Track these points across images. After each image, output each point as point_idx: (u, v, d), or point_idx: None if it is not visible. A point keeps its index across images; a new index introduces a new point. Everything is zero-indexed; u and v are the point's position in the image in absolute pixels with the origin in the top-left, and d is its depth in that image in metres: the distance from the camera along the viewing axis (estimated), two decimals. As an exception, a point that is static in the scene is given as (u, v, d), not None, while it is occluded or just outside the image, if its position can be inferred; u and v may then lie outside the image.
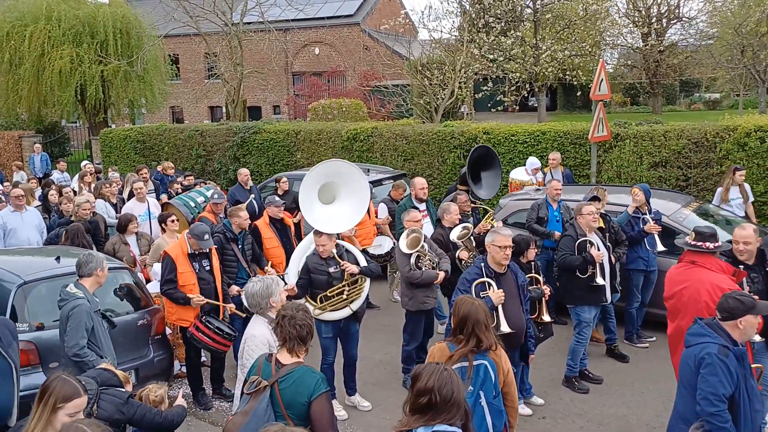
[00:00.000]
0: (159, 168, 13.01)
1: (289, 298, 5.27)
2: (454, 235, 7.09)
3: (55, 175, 14.96)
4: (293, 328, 3.73)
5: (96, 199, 9.96)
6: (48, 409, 3.08)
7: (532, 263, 6.46)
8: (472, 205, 8.49)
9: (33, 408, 3.16)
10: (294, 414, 3.56)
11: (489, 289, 5.29)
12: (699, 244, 5.12)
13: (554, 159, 10.67)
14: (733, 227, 8.32)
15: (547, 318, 6.24)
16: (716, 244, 5.11)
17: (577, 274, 6.70)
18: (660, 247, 7.43)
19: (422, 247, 6.65)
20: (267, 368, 3.71)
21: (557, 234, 8.04)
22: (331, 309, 6.18)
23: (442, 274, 6.71)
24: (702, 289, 4.92)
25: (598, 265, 6.67)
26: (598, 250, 6.72)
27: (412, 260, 6.63)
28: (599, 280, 6.67)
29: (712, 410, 3.85)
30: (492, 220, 8.19)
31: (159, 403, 3.93)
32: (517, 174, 10.69)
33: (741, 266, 5.37)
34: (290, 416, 3.55)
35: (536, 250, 6.60)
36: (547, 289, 6.27)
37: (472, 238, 7.21)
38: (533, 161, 10.67)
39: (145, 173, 11.80)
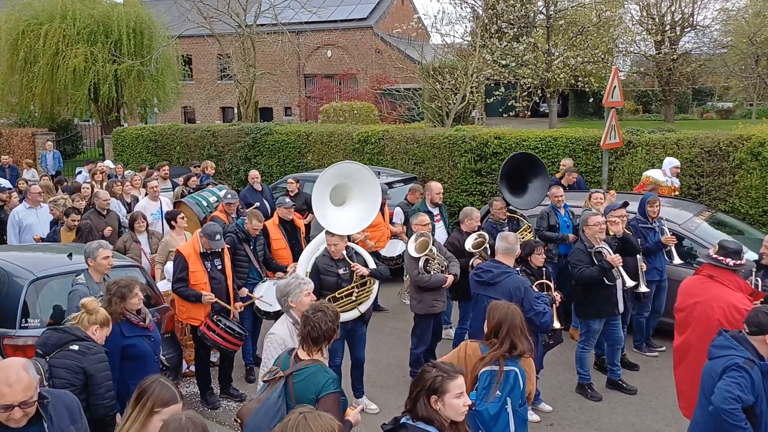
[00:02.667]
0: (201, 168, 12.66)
1: None
2: (468, 244, 7.01)
3: (84, 174, 14.81)
4: (305, 329, 3.83)
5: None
6: (145, 412, 3.07)
7: (543, 269, 6.42)
8: (509, 213, 8.23)
9: (128, 409, 3.16)
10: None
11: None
12: (720, 258, 4.94)
13: (565, 165, 10.67)
14: (746, 237, 8.33)
15: (557, 325, 6.14)
16: (737, 261, 4.90)
17: (604, 281, 6.49)
18: (677, 260, 7.33)
19: (431, 250, 6.64)
20: (286, 361, 3.85)
21: (571, 237, 7.99)
22: (339, 310, 6.17)
23: (450, 278, 6.70)
24: (716, 306, 4.78)
25: (618, 269, 6.56)
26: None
27: (421, 264, 6.63)
28: (629, 282, 6.60)
29: (727, 407, 3.71)
30: (529, 232, 8.02)
31: None
32: (654, 173, 9.75)
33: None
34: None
35: (542, 256, 6.46)
36: (558, 296, 6.21)
37: (488, 247, 7.00)
38: (672, 160, 9.75)
39: (166, 171, 11.88)
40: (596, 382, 6.91)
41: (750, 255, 6.61)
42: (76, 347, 4.37)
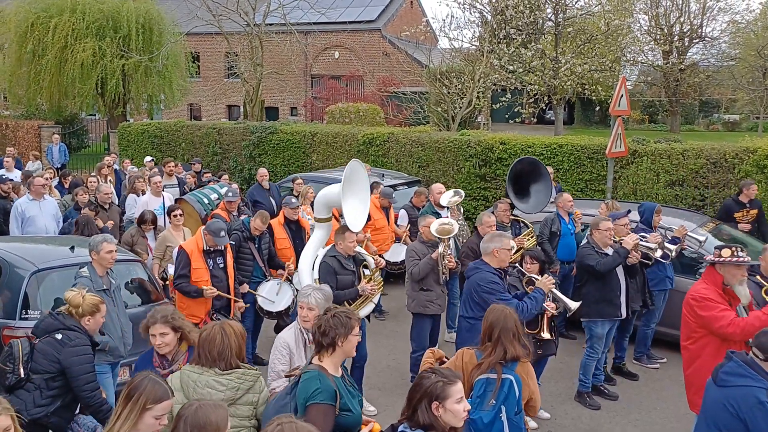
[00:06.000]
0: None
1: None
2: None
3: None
4: (317, 333, 3.79)
5: (129, 193, 10.21)
6: (138, 408, 3.04)
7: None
8: (512, 217, 8.21)
9: (118, 407, 3.11)
10: (300, 411, 3.64)
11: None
12: (707, 257, 5.06)
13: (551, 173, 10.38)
14: (750, 250, 8.28)
15: (546, 335, 5.97)
16: (710, 256, 4.97)
17: (609, 279, 6.50)
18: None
19: (448, 239, 6.61)
20: (308, 362, 3.88)
21: (557, 267, 8.01)
22: (355, 308, 6.14)
23: (437, 251, 6.63)
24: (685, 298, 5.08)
25: (643, 244, 6.62)
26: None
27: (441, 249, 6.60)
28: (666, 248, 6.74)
29: None
30: (531, 236, 7.99)
31: None
32: None
33: None
34: (299, 413, 3.63)
35: (532, 266, 6.24)
36: (551, 306, 5.94)
37: (456, 238, 7.07)
38: None
39: (171, 167, 11.88)
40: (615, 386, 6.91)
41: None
42: (59, 336, 4.45)
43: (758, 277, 5.24)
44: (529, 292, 5.70)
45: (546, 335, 5.97)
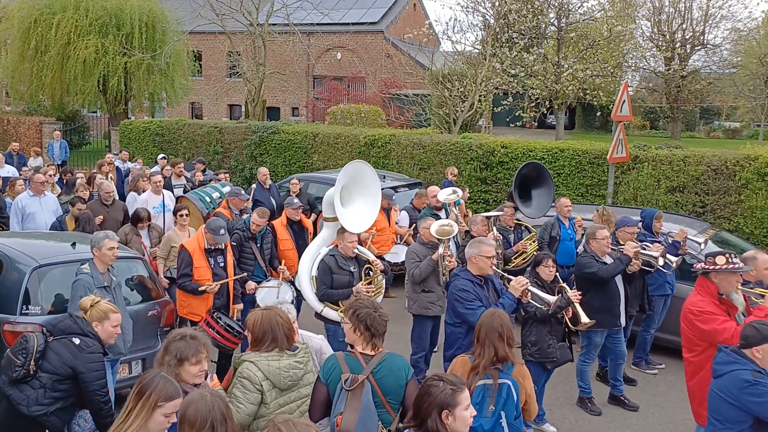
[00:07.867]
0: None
1: None
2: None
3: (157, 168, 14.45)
4: (371, 327, 3.83)
5: (130, 191, 10.21)
6: (148, 406, 3.04)
7: (554, 285, 6.27)
8: (516, 222, 8.25)
9: (128, 404, 3.10)
10: (393, 398, 3.72)
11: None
12: (699, 266, 5.02)
13: None
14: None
15: (585, 320, 5.68)
16: (702, 265, 4.95)
17: (608, 289, 6.44)
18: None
19: (447, 240, 6.58)
20: (354, 362, 3.81)
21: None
22: None
23: (438, 251, 6.60)
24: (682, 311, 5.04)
25: (645, 254, 6.59)
26: None
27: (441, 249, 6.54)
28: (660, 260, 6.67)
29: None
30: (534, 242, 7.98)
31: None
32: None
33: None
34: (389, 401, 3.71)
35: (549, 269, 6.13)
36: (575, 294, 5.75)
37: (454, 239, 6.98)
38: None
39: (181, 168, 11.88)
40: (597, 395, 6.85)
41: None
42: (77, 341, 4.43)
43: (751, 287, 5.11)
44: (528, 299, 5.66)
45: (585, 319, 5.68)
